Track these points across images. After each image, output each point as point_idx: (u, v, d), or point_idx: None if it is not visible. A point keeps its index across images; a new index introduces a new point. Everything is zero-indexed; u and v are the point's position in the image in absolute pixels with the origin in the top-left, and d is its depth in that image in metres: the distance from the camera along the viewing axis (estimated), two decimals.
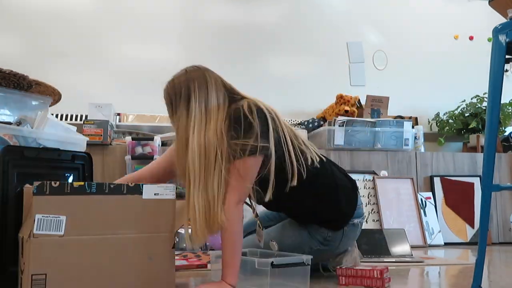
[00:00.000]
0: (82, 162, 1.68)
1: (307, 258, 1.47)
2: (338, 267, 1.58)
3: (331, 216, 1.66)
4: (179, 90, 1.53)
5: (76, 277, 1.25)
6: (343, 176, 1.72)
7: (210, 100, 1.49)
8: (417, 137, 3.43)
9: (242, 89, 4.01)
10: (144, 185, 1.37)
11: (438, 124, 3.77)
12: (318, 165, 1.60)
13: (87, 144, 2.24)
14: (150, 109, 3.45)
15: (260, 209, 1.74)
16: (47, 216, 1.23)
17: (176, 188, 1.42)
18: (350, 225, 1.68)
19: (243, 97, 1.57)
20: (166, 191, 1.39)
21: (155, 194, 1.38)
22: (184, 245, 2.42)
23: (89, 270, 1.27)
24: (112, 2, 3.57)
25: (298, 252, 1.59)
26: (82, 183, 1.29)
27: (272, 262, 1.40)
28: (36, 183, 1.23)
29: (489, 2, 1.47)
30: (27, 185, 1.39)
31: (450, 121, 3.70)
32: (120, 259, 1.32)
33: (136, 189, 1.36)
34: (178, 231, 2.39)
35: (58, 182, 1.25)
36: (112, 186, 1.33)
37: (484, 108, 3.57)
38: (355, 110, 3.41)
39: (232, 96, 1.57)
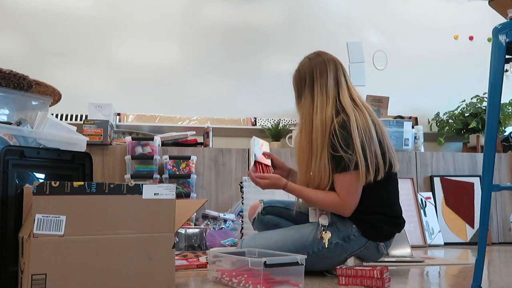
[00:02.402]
0: (82, 162, 1.68)
1: (301, 258, 1.48)
2: (338, 267, 1.58)
3: (373, 220, 1.70)
4: (304, 77, 1.79)
5: (76, 276, 1.26)
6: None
7: (329, 83, 1.75)
8: (417, 137, 3.43)
9: (242, 89, 4.00)
10: (144, 185, 1.37)
11: (438, 124, 3.77)
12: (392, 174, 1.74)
13: (87, 144, 2.24)
14: (150, 109, 3.46)
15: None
16: (47, 216, 1.23)
17: (176, 188, 1.42)
18: (374, 244, 1.71)
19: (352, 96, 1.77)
20: (166, 191, 1.40)
21: (155, 194, 1.38)
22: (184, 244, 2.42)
23: (89, 270, 1.27)
24: (112, 3, 3.57)
25: (312, 246, 1.68)
26: (82, 183, 1.29)
27: (265, 261, 1.40)
28: (36, 183, 1.23)
29: (489, 2, 1.47)
30: (27, 185, 1.39)
31: (450, 121, 3.70)
32: (120, 259, 1.32)
33: (136, 189, 1.36)
34: (178, 231, 2.39)
35: (58, 182, 1.25)
36: (112, 186, 1.33)
37: (484, 108, 3.57)
38: None
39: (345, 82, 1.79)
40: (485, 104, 3.62)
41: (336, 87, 1.75)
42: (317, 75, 1.75)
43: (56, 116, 3.14)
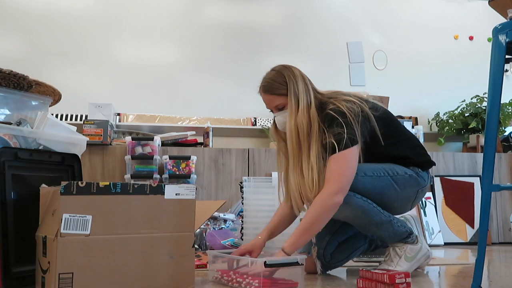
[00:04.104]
0: (71, 164, 1.68)
1: (301, 258, 1.48)
2: (361, 268, 1.53)
3: (416, 156, 1.80)
4: (281, 85, 1.84)
5: (101, 275, 1.27)
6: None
7: (303, 87, 1.77)
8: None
9: (242, 89, 4.01)
10: (166, 186, 1.39)
11: (438, 124, 3.77)
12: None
13: (87, 144, 2.24)
14: (150, 109, 3.46)
15: None
16: (73, 216, 1.25)
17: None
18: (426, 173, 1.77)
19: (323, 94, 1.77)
20: (186, 191, 1.42)
21: (176, 194, 1.40)
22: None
23: (114, 269, 1.29)
24: (112, 3, 3.57)
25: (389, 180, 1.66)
26: (108, 183, 1.30)
27: (265, 261, 1.41)
28: (63, 183, 1.25)
29: (489, 2, 1.47)
30: (43, 185, 1.40)
31: (450, 121, 3.70)
32: (143, 258, 1.34)
33: (159, 189, 1.38)
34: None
35: (84, 182, 1.27)
36: (136, 186, 1.34)
37: (484, 108, 3.57)
38: None
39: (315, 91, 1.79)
40: (485, 104, 3.62)
41: (309, 89, 1.77)
42: (293, 81, 1.79)
43: (56, 116, 3.14)
